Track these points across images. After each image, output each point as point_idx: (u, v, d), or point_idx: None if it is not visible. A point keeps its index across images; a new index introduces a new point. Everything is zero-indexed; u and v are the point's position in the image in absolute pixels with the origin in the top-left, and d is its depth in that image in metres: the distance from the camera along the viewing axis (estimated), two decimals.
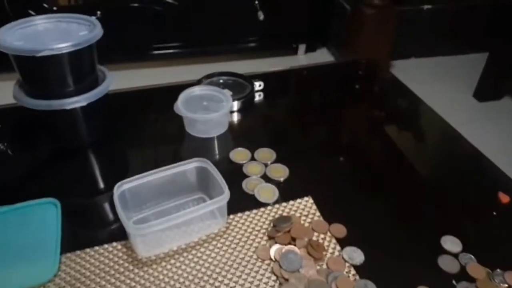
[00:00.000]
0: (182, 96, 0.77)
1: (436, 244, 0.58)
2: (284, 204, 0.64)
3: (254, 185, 0.66)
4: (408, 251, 0.57)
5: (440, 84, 2.58)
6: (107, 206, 0.63)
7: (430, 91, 2.54)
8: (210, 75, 0.89)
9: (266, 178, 0.68)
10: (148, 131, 0.79)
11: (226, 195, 0.56)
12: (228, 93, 0.79)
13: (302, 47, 2.46)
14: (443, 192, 0.67)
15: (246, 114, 0.85)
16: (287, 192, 0.66)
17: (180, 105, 0.75)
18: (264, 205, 0.63)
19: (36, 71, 0.64)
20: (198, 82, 0.87)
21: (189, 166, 0.61)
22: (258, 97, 0.90)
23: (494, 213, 0.63)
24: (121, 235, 0.57)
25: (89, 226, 0.60)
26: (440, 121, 0.85)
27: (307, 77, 0.99)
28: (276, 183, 0.67)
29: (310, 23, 2.40)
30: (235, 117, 0.85)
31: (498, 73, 2.29)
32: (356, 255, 0.56)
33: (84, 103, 0.67)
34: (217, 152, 0.75)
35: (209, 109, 0.77)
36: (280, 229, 0.58)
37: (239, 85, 0.89)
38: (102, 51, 0.71)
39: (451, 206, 0.65)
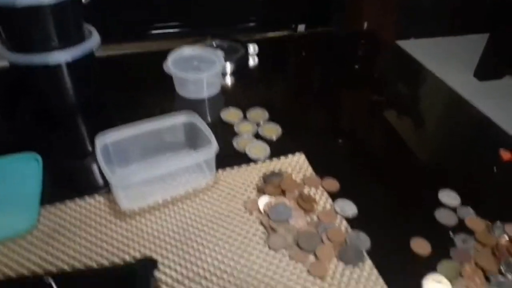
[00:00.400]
0: (172, 57, 0.74)
1: (434, 198, 0.55)
2: (275, 159, 0.61)
3: (245, 143, 0.63)
4: (403, 204, 0.55)
5: (440, 65, 2.53)
6: (90, 160, 0.60)
7: (430, 70, 2.51)
8: (204, 38, 0.86)
9: (258, 136, 0.66)
10: (139, 94, 0.76)
11: (213, 147, 0.53)
12: (220, 53, 0.76)
13: (301, 27, 2.42)
14: (443, 147, 0.65)
15: (239, 77, 0.83)
16: (279, 149, 0.63)
17: (170, 65, 0.72)
18: (255, 161, 0.61)
19: (16, 24, 0.62)
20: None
21: (176, 121, 0.59)
22: (252, 61, 0.87)
23: (495, 168, 0.60)
24: (104, 188, 0.54)
25: (71, 180, 0.58)
26: (439, 83, 0.82)
27: (304, 42, 0.96)
28: (268, 142, 0.65)
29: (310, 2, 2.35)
30: (228, 80, 0.82)
31: (499, 52, 2.25)
32: (348, 208, 0.53)
33: (68, 58, 0.64)
34: (208, 112, 0.73)
35: (201, 70, 0.75)
36: (270, 182, 0.56)
37: (233, 48, 0.86)
38: (102, 31, 0.68)
39: (450, 161, 0.62)
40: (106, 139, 0.55)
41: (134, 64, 0.84)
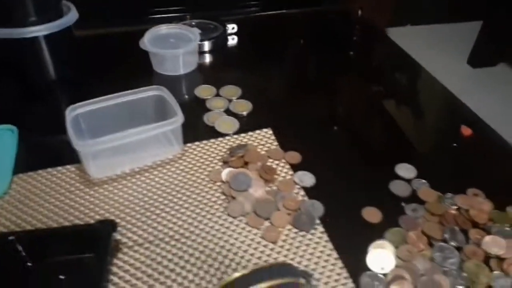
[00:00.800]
0: (149, 34, 0.76)
1: (391, 170, 0.57)
2: (243, 134, 0.63)
3: (215, 118, 0.66)
4: (361, 176, 0.57)
5: (434, 51, 2.54)
6: (63, 131, 0.62)
7: (424, 58, 2.51)
8: (183, 19, 0.87)
9: (229, 112, 0.68)
10: (117, 71, 0.77)
11: (179, 118, 0.55)
12: (196, 30, 0.77)
13: None
14: (407, 123, 0.67)
15: (217, 55, 0.84)
16: (249, 124, 0.65)
17: (147, 42, 0.74)
18: (224, 135, 0.63)
19: None
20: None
21: (146, 94, 0.61)
22: (231, 40, 0.89)
23: (455, 144, 0.62)
24: (76, 159, 0.57)
25: (45, 151, 0.60)
26: (409, 59, 0.83)
27: (285, 22, 0.97)
28: (239, 117, 0.67)
29: None
30: (207, 58, 0.84)
31: (493, 40, 2.25)
32: (307, 178, 0.56)
33: (46, 32, 0.66)
34: (183, 89, 0.75)
35: (177, 47, 0.76)
36: (234, 154, 0.58)
37: (212, 27, 0.87)
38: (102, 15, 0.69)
39: (413, 136, 0.64)
40: (76, 111, 0.57)
41: (113, 43, 0.86)
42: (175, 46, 0.76)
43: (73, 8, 0.73)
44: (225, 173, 0.56)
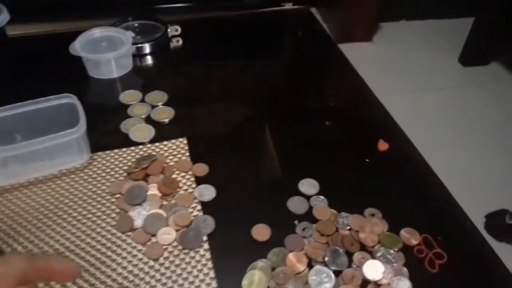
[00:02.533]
0: (81, 38, 0.76)
1: (294, 186, 0.57)
2: (157, 144, 0.63)
3: (132, 125, 0.65)
4: (263, 192, 0.57)
5: (427, 48, 2.50)
6: None
7: (416, 54, 2.48)
8: (125, 19, 0.87)
9: (150, 119, 0.67)
10: (50, 76, 0.76)
11: (78, 128, 0.55)
12: (130, 34, 0.77)
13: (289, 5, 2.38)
14: (319, 134, 0.66)
15: (157, 58, 0.84)
16: (167, 133, 0.65)
17: (77, 46, 0.74)
18: (138, 144, 0.63)
19: None
20: (112, 26, 0.84)
21: (57, 102, 0.61)
22: (176, 42, 0.88)
23: (367, 160, 0.61)
24: None
25: None
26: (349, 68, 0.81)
27: (231, 25, 0.96)
28: (160, 125, 0.66)
29: None
30: (148, 60, 0.83)
31: (486, 38, 2.20)
32: (208, 193, 0.55)
33: None
34: (113, 93, 0.74)
35: (110, 51, 0.75)
36: (138, 166, 0.58)
37: (155, 29, 0.86)
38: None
39: (323, 149, 0.63)
40: None
41: (47, 45, 0.85)
42: (108, 49, 0.75)
43: (5, 11, 0.73)
44: (126, 186, 0.55)
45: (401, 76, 2.26)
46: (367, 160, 0.61)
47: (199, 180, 0.57)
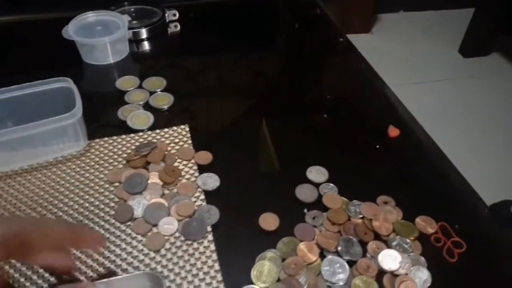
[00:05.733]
0: (74, 22, 0.72)
1: (302, 174, 0.54)
2: (157, 131, 0.60)
3: (129, 112, 0.62)
4: (269, 180, 0.54)
5: (426, 39, 2.47)
6: None
7: (416, 45, 2.45)
8: (121, 4, 0.83)
9: (148, 106, 0.64)
10: (44, 62, 0.73)
11: (73, 113, 0.52)
12: (125, 18, 0.74)
13: None
14: (328, 121, 0.63)
15: (154, 43, 0.80)
16: (166, 120, 0.62)
17: (70, 30, 0.70)
18: (136, 131, 0.60)
19: None
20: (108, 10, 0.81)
21: (52, 86, 0.58)
22: (174, 27, 0.84)
23: (377, 146, 0.58)
24: None
25: None
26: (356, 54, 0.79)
27: (230, 10, 0.93)
28: (159, 111, 0.63)
29: None
30: (145, 46, 0.80)
31: (486, 29, 2.18)
32: (211, 181, 0.52)
33: None
34: (109, 79, 0.71)
35: (105, 35, 0.72)
36: (138, 154, 0.55)
37: (152, 14, 0.83)
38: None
39: (330, 135, 0.61)
40: None
41: (38, 30, 0.81)
42: (103, 34, 0.72)
43: None
44: (125, 174, 0.52)
45: (400, 67, 2.23)
46: (377, 146, 0.58)
47: (202, 169, 0.54)
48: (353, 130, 0.62)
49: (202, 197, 0.51)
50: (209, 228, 0.47)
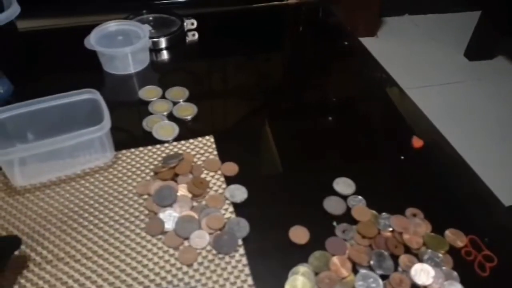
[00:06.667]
0: (96, 32, 0.73)
1: (329, 186, 0.54)
2: (183, 142, 0.60)
3: (154, 123, 0.62)
4: (297, 191, 0.54)
5: (431, 42, 2.48)
6: None
7: (421, 49, 2.45)
8: (139, 12, 0.84)
9: (172, 117, 0.65)
10: (65, 71, 0.73)
11: (102, 126, 0.52)
12: (146, 27, 0.74)
13: None
14: (351, 132, 0.63)
15: (173, 52, 0.81)
16: (191, 131, 0.62)
17: (92, 40, 0.71)
18: (162, 142, 0.60)
19: None
20: (126, 19, 0.81)
21: (78, 98, 0.58)
22: (192, 36, 0.85)
23: (402, 157, 0.59)
24: None
25: None
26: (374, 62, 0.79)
27: (247, 18, 0.93)
28: (182, 122, 0.64)
29: None
30: (164, 55, 0.80)
31: (492, 32, 2.18)
32: (239, 193, 0.53)
33: None
34: (131, 89, 0.71)
35: (126, 45, 0.72)
36: (166, 165, 0.55)
37: (169, 23, 0.84)
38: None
39: (357, 147, 0.61)
40: (1, 115, 0.54)
41: (60, 39, 0.82)
42: (124, 43, 0.73)
43: (15, 2, 0.69)
44: (154, 186, 0.53)
45: (405, 71, 2.23)
46: (402, 157, 0.59)
47: (229, 180, 0.55)
48: (376, 141, 0.62)
49: (231, 209, 0.51)
50: (239, 242, 0.47)
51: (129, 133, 0.61)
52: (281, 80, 0.75)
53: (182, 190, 0.52)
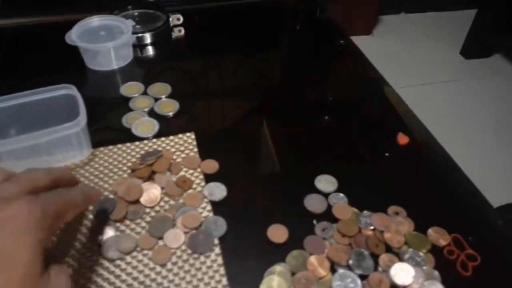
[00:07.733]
0: (78, 27, 0.71)
1: (310, 183, 0.53)
2: (163, 139, 0.59)
3: (134, 119, 0.61)
4: (277, 190, 0.53)
5: (428, 41, 2.47)
6: None
7: (417, 47, 2.44)
8: (124, 8, 0.82)
9: (153, 113, 0.63)
10: (46, 67, 0.72)
11: (78, 121, 0.51)
12: (129, 22, 0.72)
13: None
14: (336, 132, 0.62)
15: (159, 48, 0.79)
16: (172, 127, 0.61)
17: (73, 35, 0.69)
18: (141, 139, 0.59)
19: None
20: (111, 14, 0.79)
21: (55, 93, 0.56)
22: (178, 32, 0.83)
23: (386, 154, 0.57)
24: None
25: None
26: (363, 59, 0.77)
27: (234, 14, 0.92)
28: (164, 119, 0.62)
29: None
30: (149, 51, 0.79)
31: (488, 31, 2.17)
32: (218, 191, 0.51)
33: None
34: (113, 85, 0.70)
35: (108, 40, 0.71)
36: (143, 162, 0.53)
37: (155, 18, 0.82)
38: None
39: (340, 143, 0.60)
40: None
41: (40, 35, 0.80)
42: (107, 39, 0.71)
43: None
44: (121, 186, 0.51)
45: (401, 70, 2.22)
46: (386, 154, 0.57)
47: (208, 178, 0.53)
48: (360, 137, 0.61)
49: (209, 207, 0.50)
50: (216, 241, 0.46)
51: (108, 130, 0.60)
52: (266, 78, 0.74)
53: (156, 189, 0.51)
